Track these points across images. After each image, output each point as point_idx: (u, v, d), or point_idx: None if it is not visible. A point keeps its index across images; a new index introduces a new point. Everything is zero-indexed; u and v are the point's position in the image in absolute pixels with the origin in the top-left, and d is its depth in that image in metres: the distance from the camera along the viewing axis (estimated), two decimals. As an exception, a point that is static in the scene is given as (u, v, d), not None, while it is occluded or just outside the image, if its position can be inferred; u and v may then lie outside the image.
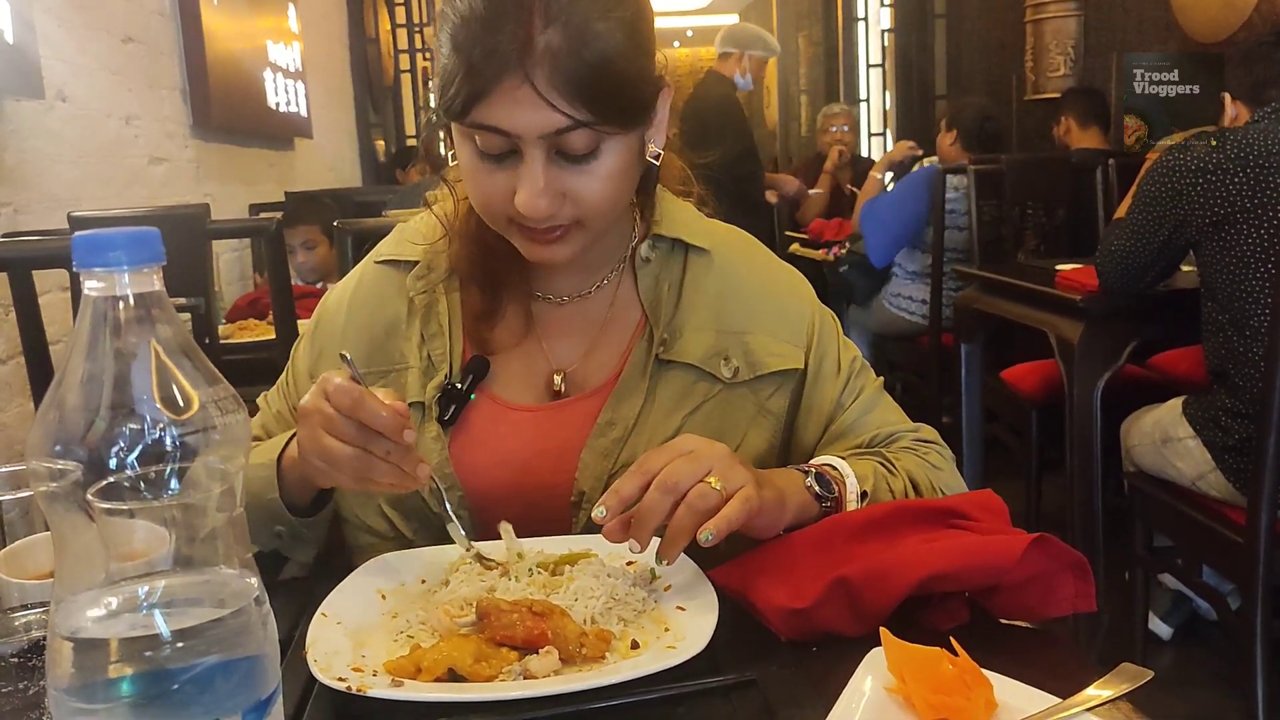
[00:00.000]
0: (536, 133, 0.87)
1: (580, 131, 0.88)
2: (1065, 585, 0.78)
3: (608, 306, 1.09)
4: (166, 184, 3.74)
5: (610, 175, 0.92)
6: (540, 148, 0.89)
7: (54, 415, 0.53)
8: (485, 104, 0.87)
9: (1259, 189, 2.04)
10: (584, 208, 0.93)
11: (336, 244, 1.63)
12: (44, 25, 2.87)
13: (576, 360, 1.08)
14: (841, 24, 7.97)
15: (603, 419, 1.04)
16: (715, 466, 0.84)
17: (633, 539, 0.82)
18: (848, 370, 1.09)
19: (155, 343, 0.53)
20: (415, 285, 1.09)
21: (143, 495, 0.53)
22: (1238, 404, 2.09)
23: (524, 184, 0.90)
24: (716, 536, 0.81)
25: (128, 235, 0.51)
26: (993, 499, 0.88)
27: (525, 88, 0.85)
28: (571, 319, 1.09)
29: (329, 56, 6.49)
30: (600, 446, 1.03)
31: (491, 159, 0.91)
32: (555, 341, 1.09)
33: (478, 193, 0.95)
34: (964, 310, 3.17)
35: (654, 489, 0.82)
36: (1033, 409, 3.00)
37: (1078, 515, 2.56)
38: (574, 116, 0.87)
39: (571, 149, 0.90)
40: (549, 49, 0.85)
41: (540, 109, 0.86)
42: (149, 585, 0.53)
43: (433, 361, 1.06)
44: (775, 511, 0.87)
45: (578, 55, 0.85)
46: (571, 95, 0.86)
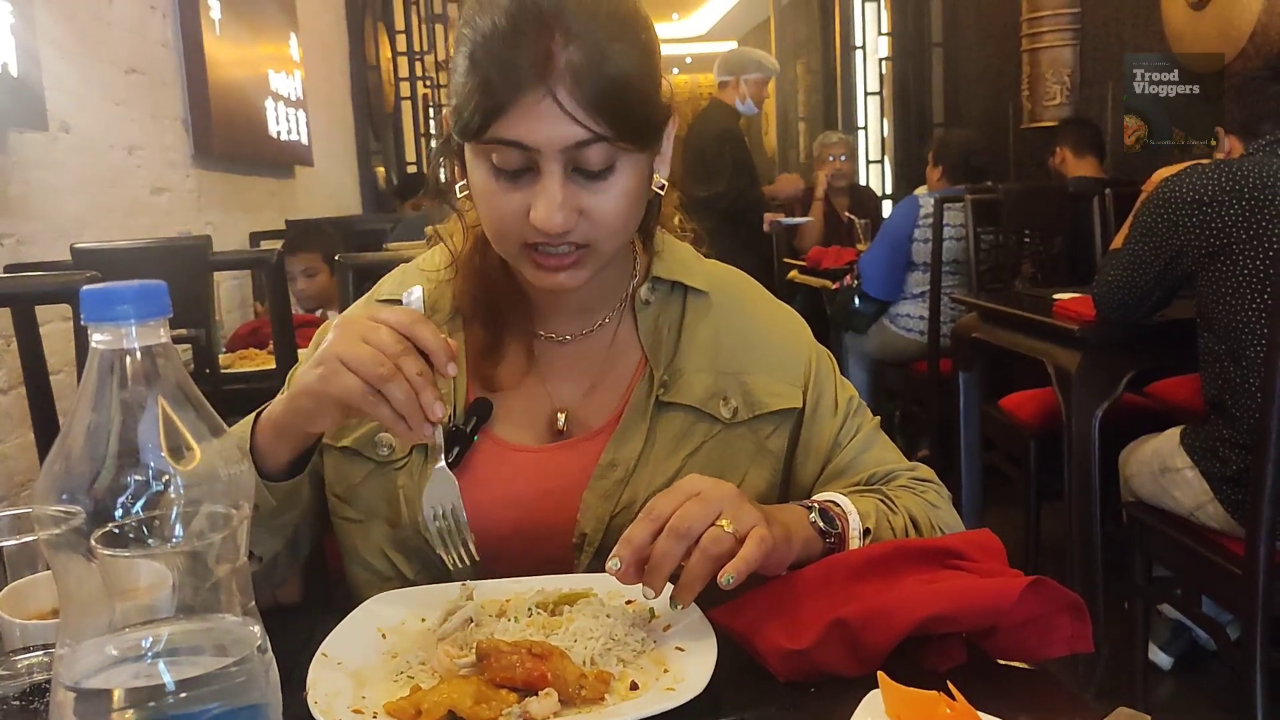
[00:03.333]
0: (557, 146, 0.89)
1: (598, 147, 0.90)
2: (1062, 626, 0.79)
3: (608, 347, 1.09)
4: (169, 213, 3.76)
5: (624, 194, 0.94)
6: (558, 162, 0.90)
7: (60, 466, 0.54)
8: (506, 118, 0.88)
9: (1254, 221, 2.06)
10: (598, 226, 0.94)
11: (337, 277, 1.64)
12: (48, 58, 2.90)
13: (578, 400, 1.08)
14: (839, 52, 8.03)
15: (604, 460, 1.04)
16: (725, 508, 0.84)
17: (646, 585, 0.83)
18: (845, 409, 1.10)
19: (161, 394, 0.53)
20: None
21: (147, 544, 0.54)
22: (1235, 434, 2.10)
23: (541, 199, 0.90)
24: (738, 579, 0.81)
25: (136, 290, 0.52)
26: (990, 539, 0.88)
27: (547, 101, 0.87)
28: (573, 358, 1.09)
29: (330, 84, 6.53)
30: (602, 488, 1.04)
31: (508, 177, 0.92)
32: (557, 381, 1.09)
33: (492, 213, 0.95)
34: (962, 339, 3.18)
35: (666, 535, 0.83)
36: (1031, 438, 3.00)
37: (1077, 545, 2.56)
38: (594, 130, 0.88)
39: (588, 164, 0.91)
40: (570, 64, 0.87)
41: (562, 122, 0.88)
42: (152, 634, 0.53)
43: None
44: (783, 549, 0.87)
45: (598, 71, 0.88)
46: (592, 109, 0.88)
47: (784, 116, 10.43)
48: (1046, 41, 4.83)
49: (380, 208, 6.94)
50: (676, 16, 15.31)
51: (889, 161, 7.68)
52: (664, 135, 0.99)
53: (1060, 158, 4.15)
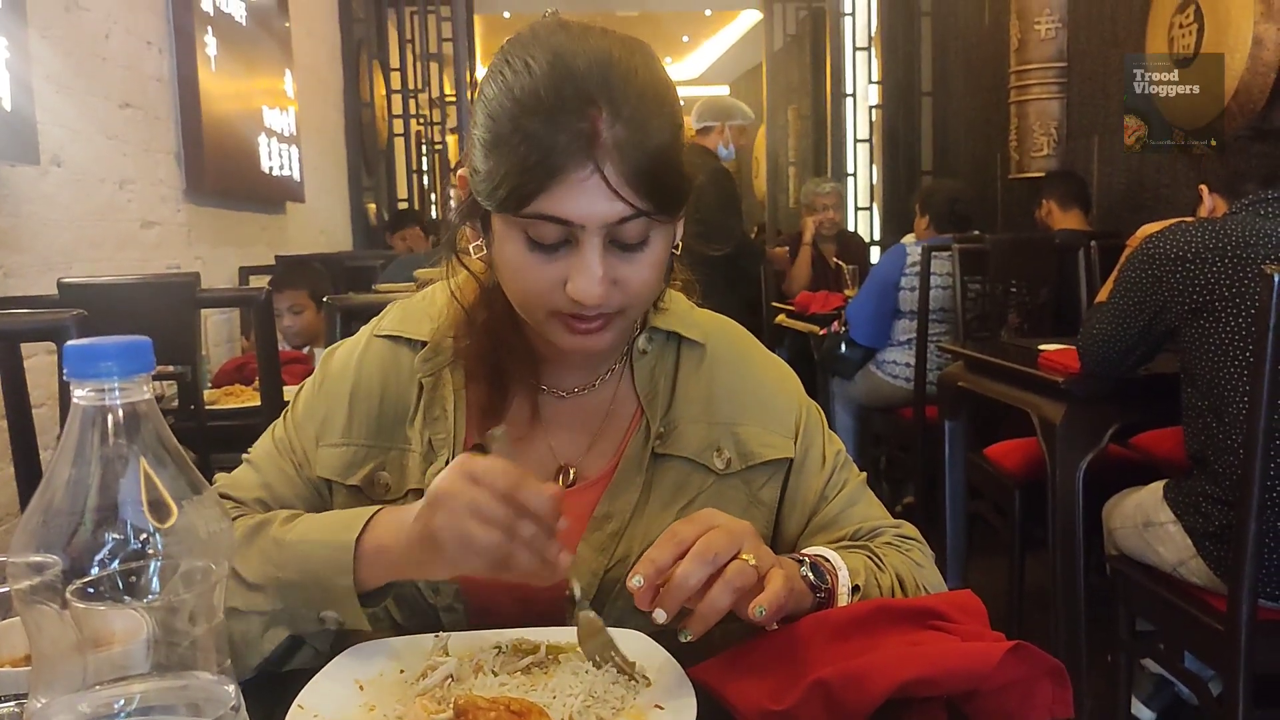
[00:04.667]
0: (601, 222, 0.89)
1: (637, 221, 0.90)
2: (1043, 692, 0.78)
3: (609, 400, 1.09)
4: (158, 247, 3.77)
5: (655, 263, 0.95)
6: (599, 235, 0.90)
7: (38, 520, 0.54)
8: (550, 195, 0.88)
9: (1237, 278, 2.08)
10: (631, 296, 0.94)
11: (325, 318, 1.64)
12: (43, 92, 2.91)
13: (580, 454, 1.08)
14: (830, 99, 8.10)
15: (599, 512, 1.04)
16: (745, 543, 0.84)
17: (660, 608, 0.81)
18: (832, 463, 1.10)
19: (142, 451, 0.53)
20: (423, 368, 1.07)
21: (123, 600, 0.53)
22: (1218, 490, 2.10)
23: (580, 273, 0.90)
24: (769, 613, 0.81)
25: (119, 346, 0.52)
26: (972, 600, 0.88)
27: (595, 178, 0.87)
28: (574, 412, 1.09)
29: (324, 120, 6.57)
30: (596, 541, 1.03)
31: (543, 250, 0.91)
32: (559, 435, 1.09)
33: (524, 284, 0.94)
34: (948, 387, 3.19)
35: (691, 559, 0.82)
36: (1016, 487, 3.00)
37: (1061, 596, 2.56)
38: (638, 207, 0.89)
39: (626, 239, 0.91)
40: (616, 141, 0.87)
41: (607, 199, 0.88)
42: (125, 693, 0.53)
43: (433, 447, 1.05)
44: (786, 604, 0.86)
45: (642, 148, 0.88)
46: (635, 185, 0.88)
47: (774, 161, 10.52)
48: (1034, 94, 4.89)
49: (371, 244, 6.96)
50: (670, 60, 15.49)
51: (878, 208, 7.74)
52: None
53: (1046, 210, 4.19)
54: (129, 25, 3.63)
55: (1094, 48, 4.59)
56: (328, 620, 0.93)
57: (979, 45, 5.75)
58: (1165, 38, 3.90)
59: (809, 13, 9.03)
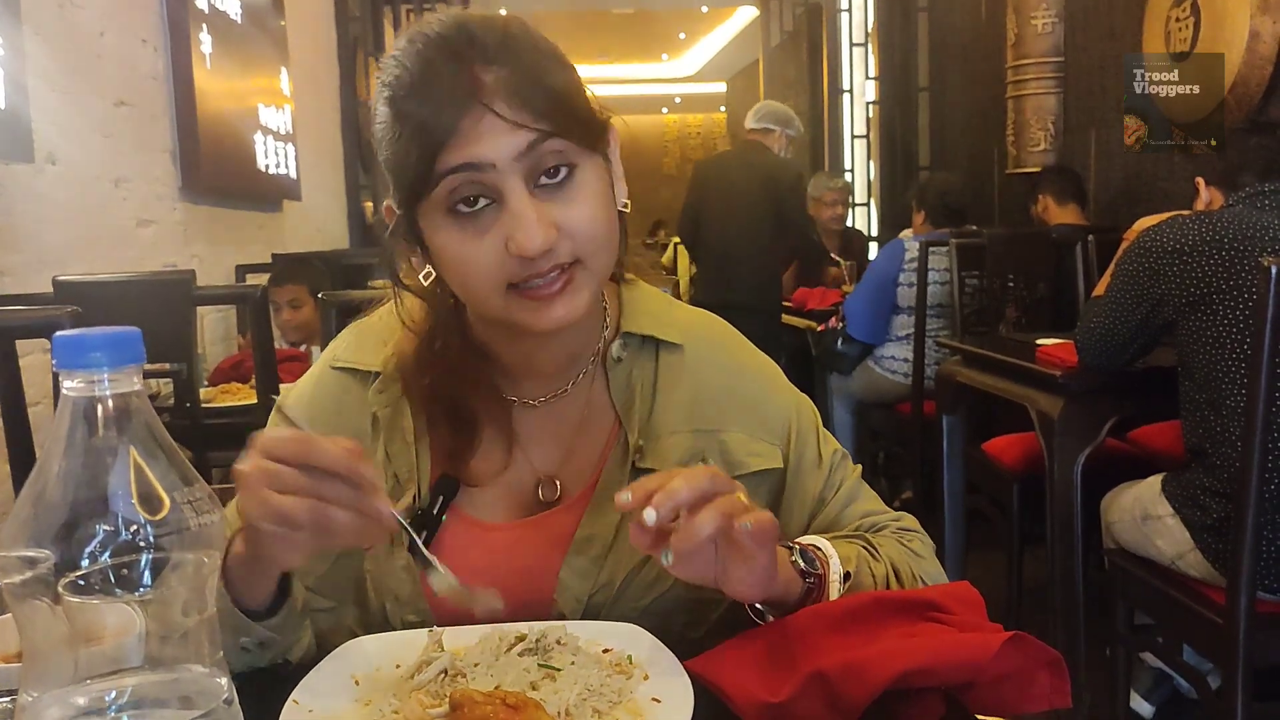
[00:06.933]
0: (510, 155, 0.87)
1: (551, 144, 0.88)
2: (1041, 682, 0.78)
3: (582, 408, 1.06)
4: (154, 245, 3.76)
5: (592, 197, 0.92)
6: (518, 175, 0.88)
7: (28, 512, 0.53)
8: (452, 148, 0.87)
9: (1234, 271, 2.08)
10: (578, 238, 0.91)
11: (321, 314, 1.63)
12: (38, 89, 2.90)
13: (558, 465, 1.05)
14: (827, 95, 8.10)
15: (580, 534, 1.01)
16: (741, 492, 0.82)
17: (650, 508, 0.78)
18: (829, 463, 1.07)
19: (132, 442, 0.53)
20: (378, 400, 1.04)
21: (114, 593, 0.53)
22: (1215, 483, 2.10)
23: (515, 223, 0.88)
24: (755, 528, 0.79)
25: (108, 337, 0.52)
26: (969, 591, 0.88)
27: (488, 117, 0.86)
28: (547, 421, 1.06)
29: (320, 118, 6.55)
30: (579, 565, 1.00)
31: (472, 221, 0.89)
32: (534, 447, 1.05)
33: (469, 267, 0.91)
34: (946, 382, 3.19)
35: (686, 475, 0.80)
36: (1014, 482, 3.00)
37: (1059, 590, 2.56)
38: (539, 128, 0.88)
39: (546, 170, 0.90)
40: (500, 81, 0.87)
41: (506, 131, 0.87)
42: (117, 687, 0.52)
43: (399, 481, 1.02)
44: (771, 568, 0.85)
45: (526, 76, 0.88)
46: (533, 112, 0.87)
47: (772, 157, 10.50)
48: (1031, 89, 4.89)
49: (368, 242, 6.94)
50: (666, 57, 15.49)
51: (875, 204, 7.74)
52: (610, 147, 0.98)
53: (1043, 205, 4.19)
54: (124, 23, 3.61)
55: (1091, 42, 4.59)
56: (249, 646, 0.90)
57: (976, 40, 5.75)
58: (1162, 32, 3.89)
59: (805, 9, 9.02)
